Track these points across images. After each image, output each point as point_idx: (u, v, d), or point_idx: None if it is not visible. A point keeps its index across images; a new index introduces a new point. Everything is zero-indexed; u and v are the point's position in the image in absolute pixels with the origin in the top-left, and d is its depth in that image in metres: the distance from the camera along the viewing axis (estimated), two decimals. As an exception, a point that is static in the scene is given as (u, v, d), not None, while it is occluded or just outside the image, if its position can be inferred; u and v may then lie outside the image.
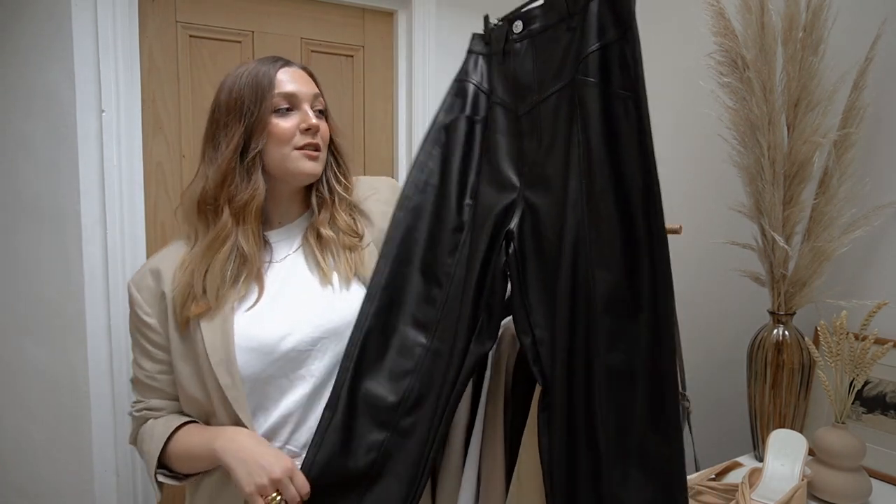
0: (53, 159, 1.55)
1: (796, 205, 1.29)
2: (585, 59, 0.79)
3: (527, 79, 0.90)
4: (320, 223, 1.02)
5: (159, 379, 1.00)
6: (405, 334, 0.97)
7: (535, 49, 0.89)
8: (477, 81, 1.00)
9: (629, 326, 0.77)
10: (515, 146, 0.93)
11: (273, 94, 0.96)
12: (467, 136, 0.99)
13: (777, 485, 1.13)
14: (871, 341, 1.12)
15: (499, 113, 0.97)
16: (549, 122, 0.86)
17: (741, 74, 1.30)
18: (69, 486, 1.64)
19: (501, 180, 0.93)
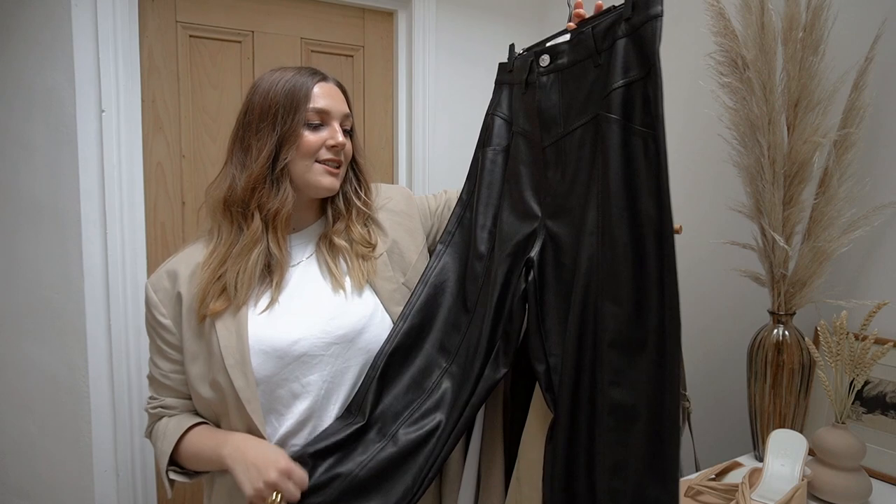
0: (53, 159, 1.55)
1: (796, 205, 1.29)
2: (609, 96, 0.81)
3: (552, 112, 0.92)
4: (334, 232, 1.05)
5: (172, 378, 1.02)
6: (429, 355, 1.01)
7: (561, 83, 0.91)
8: (504, 113, 1.04)
9: (634, 362, 0.76)
10: (538, 176, 0.95)
11: (307, 108, 0.99)
12: (492, 167, 1.04)
13: (777, 485, 1.13)
14: (871, 341, 1.12)
15: (520, 143, 0.99)
16: (574, 154, 0.89)
17: (741, 74, 1.30)
18: (69, 486, 1.64)
19: (524, 209, 0.95)
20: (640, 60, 0.79)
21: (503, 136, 1.04)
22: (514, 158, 1.00)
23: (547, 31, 2.26)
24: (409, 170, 2.10)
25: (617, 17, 0.82)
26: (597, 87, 0.85)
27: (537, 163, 0.95)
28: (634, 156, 0.78)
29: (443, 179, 2.13)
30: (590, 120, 0.86)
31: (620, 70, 0.80)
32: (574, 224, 0.87)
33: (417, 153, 2.08)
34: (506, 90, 1.05)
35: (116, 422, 1.65)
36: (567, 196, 0.89)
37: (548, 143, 0.93)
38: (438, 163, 2.12)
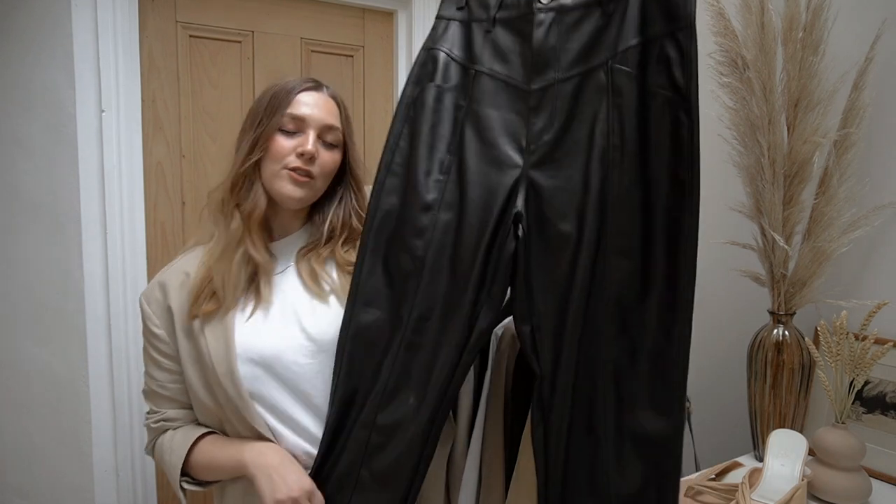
0: (53, 159, 1.55)
1: (796, 205, 1.29)
2: (625, 52, 0.78)
3: (546, 54, 0.85)
4: (317, 255, 1.02)
5: (170, 388, 1.01)
6: (369, 326, 0.92)
7: (559, 24, 0.84)
8: (447, 49, 0.92)
9: (640, 308, 0.78)
10: (517, 122, 0.87)
11: (285, 113, 0.98)
12: (435, 107, 0.92)
13: (777, 485, 1.13)
14: (871, 341, 1.12)
15: (488, 84, 0.89)
16: (567, 102, 0.83)
17: (741, 74, 1.30)
18: (69, 486, 1.64)
19: (499, 157, 0.87)
20: (666, 19, 0.77)
21: (452, 74, 0.92)
22: (478, 101, 0.89)
23: (547, 31, 2.26)
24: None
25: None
26: (605, 37, 0.81)
27: (517, 107, 0.87)
28: (655, 118, 0.78)
29: (443, 179, 2.13)
30: (593, 69, 0.81)
31: (636, 27, 0.78)
32: (566, 176, 0.83)
33: (417, 153, 2.08)
34: (455, 27, 0.93)
35: (116, 422, 1.64)
36: (556, 145, 0.84)
37: (538, 86, 0.85)
38: (438, 163, 2.12)
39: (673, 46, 0.77)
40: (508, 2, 0.88)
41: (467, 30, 0.92)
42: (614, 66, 0.79)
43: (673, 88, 0.78)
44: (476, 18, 0.91)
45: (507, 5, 0.88)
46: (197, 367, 0.97)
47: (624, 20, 0.79)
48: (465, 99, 0.90)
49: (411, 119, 0.93)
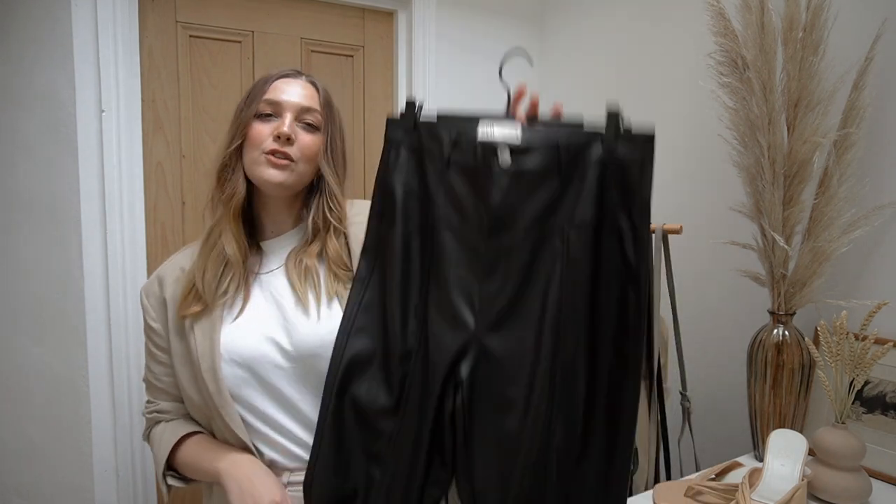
0: (53, 159, 1.55)
1: (796, 205, 1.29)
2: (579, 221, 0.79)
3: (503, 218, 0.82)
4: (307, 254, 1.00)
5: (164, 381, 1.03)
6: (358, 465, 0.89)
7: (519, 188, 0.81)
8: (403, 182, 0.88)
9: (577, 473, 0.79)
10: (469, 280, 0.84)
11: (261, 100, 0.99)
12: (405, 249, 0.87)
13: (777, 485, 1.13)
14: (871, 341, 1.12)
15: (446, 236, 0.86)
16: (521, 266, 0.81)
17: (741, 74, 1.30)
18: (69, 486, 1.64)
19: (454, 315, 0.84)
20: (622, 193, 0.79)
21: (413, 213, 0.87)
22: (437, 249, 0.86)
23: (546, 31, 2.26)
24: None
25: (591, 138, 0.80)
26: (562, 205, 0.80)
27: (471, 264, 0.84)
28: (605, 290, 0.79)
29: (443, 179, 2.13)
30: (548, 235, 0.81)
31: (592, 198, 0.79)
32: (518, 341, 0.82)
33: (417, 153, 2.08)
34: (406, 154, 0.88)
35: (116, 422, 1.65)
36: (510, 310, 0.82)
37: (493, 248, 0.82)
38: (438, 163, 2.12)
39: (626, 221, 0.78)
40: (463, 144, 0.84)
41: (419, 161, 0.88)
42: (570, 234, 0.79)
43: (623, 263, 0.79)
44: (428, 150, 0.87)
45: (461, 148, 0.84)
46: (186, 364, 0.98)
47: (582, 190, 0.79)
48: (428, 244, 0.87)
49: (380, 256, 0.89)
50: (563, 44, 2.21)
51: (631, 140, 0.79)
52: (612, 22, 1.99)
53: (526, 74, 2.38)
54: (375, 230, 0.90)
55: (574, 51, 2.16)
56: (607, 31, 2.02)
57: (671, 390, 1.49)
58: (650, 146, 0.80)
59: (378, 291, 0.89)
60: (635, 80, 1.91)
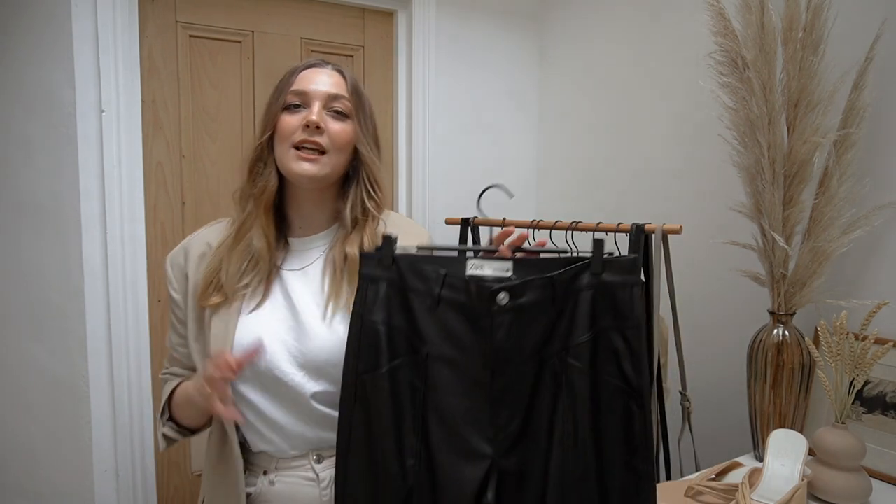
0: (53, 159, 1.55)
1: (796, 205, 1.29)
2: (575, 347, 0.83)
3: (507, 352, 0.85)
4: (350, 242, 1.00)
5: (179, 351, 1.06)
6: None
7: (520, 323, 0.85)
8: (384, 319, 0.87)
9: None
10: (477, 411, 0.86)
11: (288, 91, 0.98)
12: (393, 386, 0.87)
13: (777, 485, 1.13)
14: (871, 341, 1.12)
15: (443, 370, 0.86)
16: (527, 392, 0.85)
17: (741, 74, 1.30)
18: (69, 486, 1.64)
19: (469, 450, 0.85)
20: (614, 315, 0.82)
21: (400, 349, 0.87)
22: (435, 387, 0.86)
23: (546, 31, 2.26)
24: (408, 170, 2.10)
25: (580, 269, 0.84)
26: (557, 329, 0.84)
27: (479, 396, 0.85)
28: (607, 408, 0.83)
29: (442, 180, 2.13)
30: (548, 359, 0.84)
31: (587, 323, 0.83)
32: (531, 461, 0.85)
33: (417, 153, 2.08)
34: (386, 289, 0.88)
35: (116, 422, 1.64)
36: (521, 433, 0.86)
37: (500, 381, 0.85)
38: (438, 163, 2.12)
39: (621, 340, 0.82)
40: (453, 283, 0.85)
41: (402, 297, 0.87)
42: (567, 359, 0.83)
43: (623, 380, 0.83)
44: (412, 287, 0.87)
45: (452, 286, 0.85)
46: (200, 342, 1.00)
47: (575, 314, 0.83)
48: (420, 380, 0.87)
49: (363, 398, 0.88)
50: (562, 43, 2.21)
51: (617, 266, 0.84)
52: (612, 22, 1.99)
53: (526, 74, 2.38)
54: (353, 369, 0.88)
55: (574, 51, 2.16)
56: (607, 32, 2.02)
57: (671, 390, 1.49)
58: (636, 270, 0.84)
59: (363, 433, 0.88)
60: (635, 80, 1.91)
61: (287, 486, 0.98)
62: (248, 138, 1.87)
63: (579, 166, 2.16)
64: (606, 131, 2.03)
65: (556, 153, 2.27)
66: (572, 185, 2.21)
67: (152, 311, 1.73)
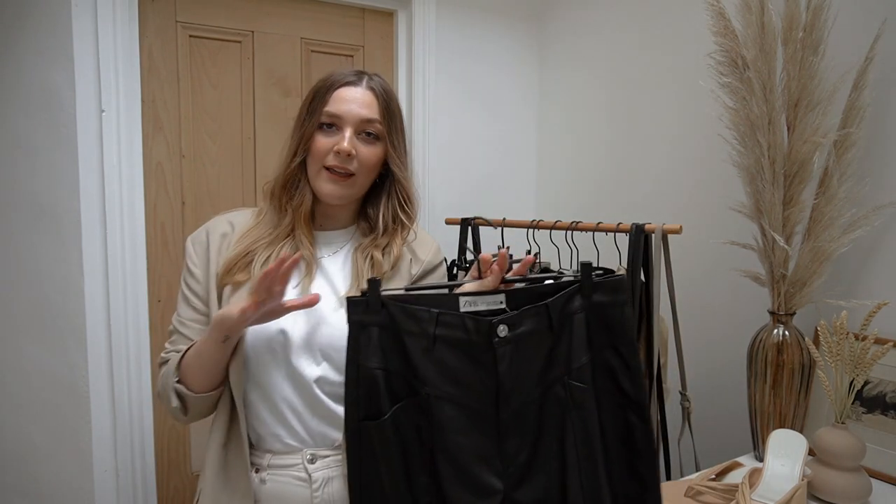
0: (53, 159, 1.55)
1: (796, 205, 1.29)
2: (578, 369, 0.86)
3: (512, 383, 0.86)
4: (376, 246, 1.05)
5: (190, 326, 1.05)
6: None
7: (521, 353, 0.85)
8: (381, 365, 0.87)
9: None
10: (488, 446, 0.86)
11: (322, 111, 1.01)
12: (396, 430, 0.87)
13: (777, 485, 1.13)
14: (871, 341, 1.12)
15: (446, 409, 0.86)
16: (534, 421, 0.87)
17: (741, 74, 1.30)
18: (69, 486, 1.64)
19: (479, 486, 0.86)
20: (607, 333, 0.85)
21: (400, 392, 0.88)
22: (441, 426, 0.86)
23: (546, 31, 2.26)
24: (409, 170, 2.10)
25: (572, 293, 0.86)
26: (557, 354, 0.86)
27: (485, 431, 0.86)
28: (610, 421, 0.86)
29: (442, 180, 2.13)
30: (551, 385, 0.86)
31: (584, 344, 0.85)
32: (545, 489, 0.87)
33: (417, 153, 2.08)
34: (377, 334, 0.87)
35: (116, 422, 1.65)
36: (531, 462, 0.87)
37: (506, 413, 0.86)
38: (438, 162, 2.12)
39: (616, 357, 0.85)
40: (448, 320, 0.85)
41: (396, 340, 0.87)
42: (570, 382, 0.85)
43: (622, 395, 0.86)
44: (405, 329, 0.87)
45: (448, 325, 0.85)
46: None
47: (572, 337, 0.86)
48: (425, 420, 0.87)
49: (368, 443, 0.87)
50: (562, 43, 2.21)
51: (606, 286, 0.86)
52: (612, 22, 1.99)
53: (526, 74, 2.38)
54: (354, 417, 0.87)
55: (573, 51, 2.16)
56: (607, 32, 2.02)
57: (671, 390, 1.49)
58: (623, 288, 0.86)
59: (374, 476, 0.88)
60: (635, 81, 1.90)
61: (278, 485, 0.99)
62: (248, 138, 1.87)
63: (579, 166, 2.16)
64: (606, 131, 2.03)
65: (556, 153, 2.27)
66: (572, 185, 2.21)
67: (152, 310, 1.73)
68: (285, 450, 1.00)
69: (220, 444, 1.00)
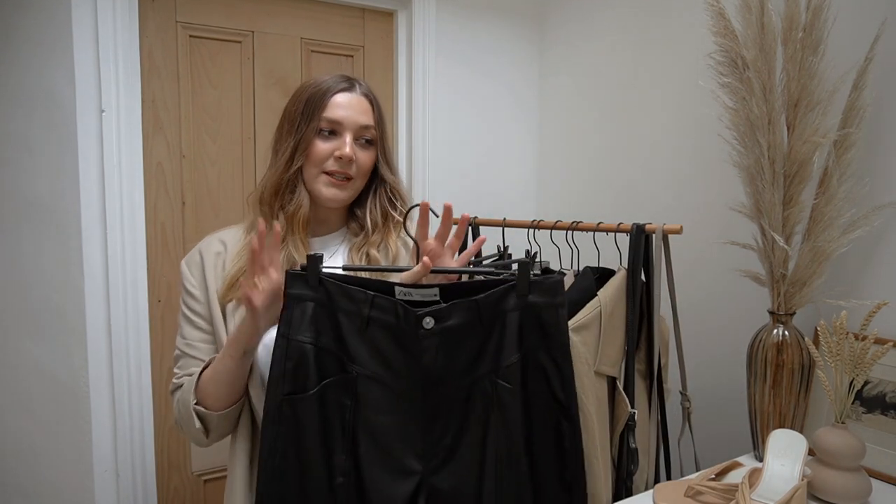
0: (53, 159, 1.55)
1: (796, 205, 1.29)
2: (506, 368, 0.85)
3: (437, 372, 0.86)
4: (372, 244, 1.07)
5: (198, 346, 1.06)
6: None
7: (447, 344, 0.86)
8: (311, 338, 0.87)
9: None
10: (413, 430, 0.87)
11: (321, 117, 1.02)
12: (321, 406, 0.87)
13: (777, 485, 1.13)
14: (871, 341, 1.12)
15: (373, 389, 0.87)
16: (459, 410, 0.87)
17: (741, 74, 1.30)
18: (69, 487, 1.64)
19: (398, 467, 0.87)
20: (541, 335, 0.84)
21: (329, 368, 0.88)
22: (366, 404, 0.87)
23: (546, 30, 2.26)
24: (409, 170, 2.10)
25: (505, 290, 0.85)
26: (486, 349, 0.85)
27: (410, 414, 0.87)
28: (539, 424, 0.85)
29: (443, 179, 2.13)
30: (478, 379, 0.86)
31: (515, 343, 0.84)
32: (463, 478, 0.87)
33: (417, 153, 2.08)
34: (313, 309, 0.88)
35: (116, 422, 1.64)
36: (453, 450, 0.87)
37: (431, 399, 0.86)
38: (438, 163, 2.12)
39: (548, 359, 0.84)
40: (382, 304, 0.86)
41: (331, 317, 0.87)
42: (497, 380, 0.85)
43: (554, 399, 0.85)
44: (341, 308, 0.87)
45: (381, 308, 0.86)
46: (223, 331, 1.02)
47: (504, 335, 0.85)
48: (350, 399, 0.87)
49: (290, 418, 0.87)
50: (562, 43, 2.21)
51: (542, 287, 0.85)
52: (612, 22, 1.99)
53: (526, 74, 2.38)
54: (278, 391, 0.87)
55: (574, 51, 2.16)
56: (607, 31, 2.02)
57: (671, 390, 1.49)
58: (560, 291, 0.85)
59: (291, 452, 0.87)
60: (635, 81, 1.90)
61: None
62: (248, 138, 1.87)
63: (579, 166, 2.16)
64: (606, 131, 2.03)
65: (556, 153, 2.27)
66: (572, 185, 2.21)
67: (152, 310, 1.74)
68: None
69: (246, 466, 1.01)
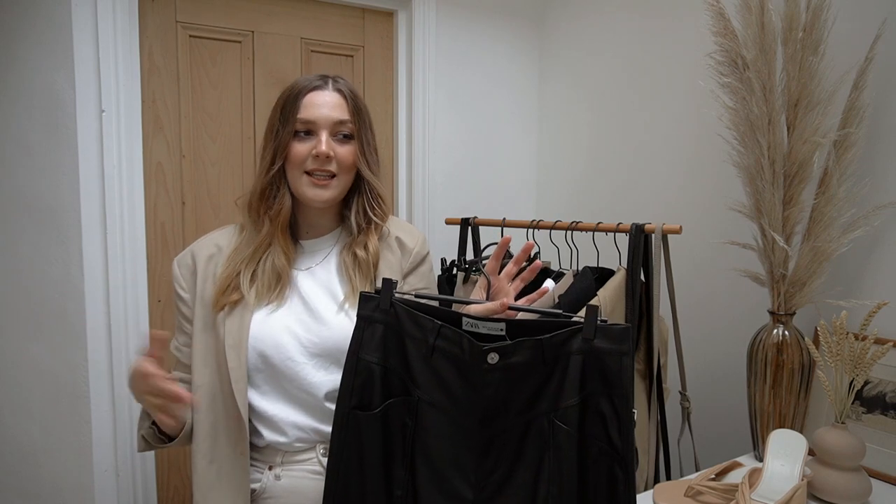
0: (54, 159, 1.55)
1: (796, 205, 1.29)
2: (565, 410, 0.85)
3: (497, 407, 0.87)
4: (357, 244, 1.06)
5: (183, 351, 1.07)
6: None
7: (509, 380, 0.87)
8: (380, 359, 0.91)
9: None
10: (467, 458, 0.88)
11: (295, 119, 1.02)
12: (385, 425, 0.91)
13: (777, 485, 1.13)
14: (871, 341, 1.12)
15: (434, 414, 0.90)
16: (513, 446, 0.88)
17: (741, 74, 1.30)
18: (69, 486, 1.64)
19: (451, 492, 0.88)
20: (602, 381, 0.84)
21: (395, 389, 0.91)
22: (425, 428, 0.90)
23: (546, 31, 2.26)
24: (409, 170, 2.10)
25: (571, 332, 0.85)
26: (546, 389, 0.86)
27: (466, 444, 0.88)
28: (592, 469, 0.84)
29: (442, 180, 2.13)
30: (536, 418, 0.86)
31: (576, 386, 0.84)
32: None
33: (417, 153, 2.08)
34: (382, 331, 0.92)
35: (116, 422, 1.65)
36: (504, 484, 0.88)
37: (488, 432, 0.87)
38: (438, 163, 2.12)
39: (608, 405, 0.84)
40: (448, 335, 0.87)
41: (398, 341, 0.91)
42: (554, 420, 0.85)
43: (608, 443, 0.84)
44: (408, 333, 0.90)
45: (447, 338, 0.87)
46: (210, 335, 1.02)
47: (565, 377, 0.85)
48: (412, 419, 0.90)
49: (356, 429, 0.91)
50: (562, 43, 2.21)
51: (609, 333, 0.84)
52: (612, 22, 1.99)
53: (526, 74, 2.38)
54: (346, 404, 0.91)
55: (574, 51, 2.16)
56: (607, 32, 2.02)
57: (671, 390, 1.49)
58: (626, 338, 0.84)
59: (355, 460, 0.91)
60: (635, 80, 1.90)
61: (293, 480, 1.01)
62: (248, 138, 1.87)
63: (579, 166, 2.16)
64: (606, 131, 2.03)
65: (556, 153, 2.27)
66: (572, 185, 2.21)
67: (152, 310, 1.74)
68: (299, 448, 1.02)
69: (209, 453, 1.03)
